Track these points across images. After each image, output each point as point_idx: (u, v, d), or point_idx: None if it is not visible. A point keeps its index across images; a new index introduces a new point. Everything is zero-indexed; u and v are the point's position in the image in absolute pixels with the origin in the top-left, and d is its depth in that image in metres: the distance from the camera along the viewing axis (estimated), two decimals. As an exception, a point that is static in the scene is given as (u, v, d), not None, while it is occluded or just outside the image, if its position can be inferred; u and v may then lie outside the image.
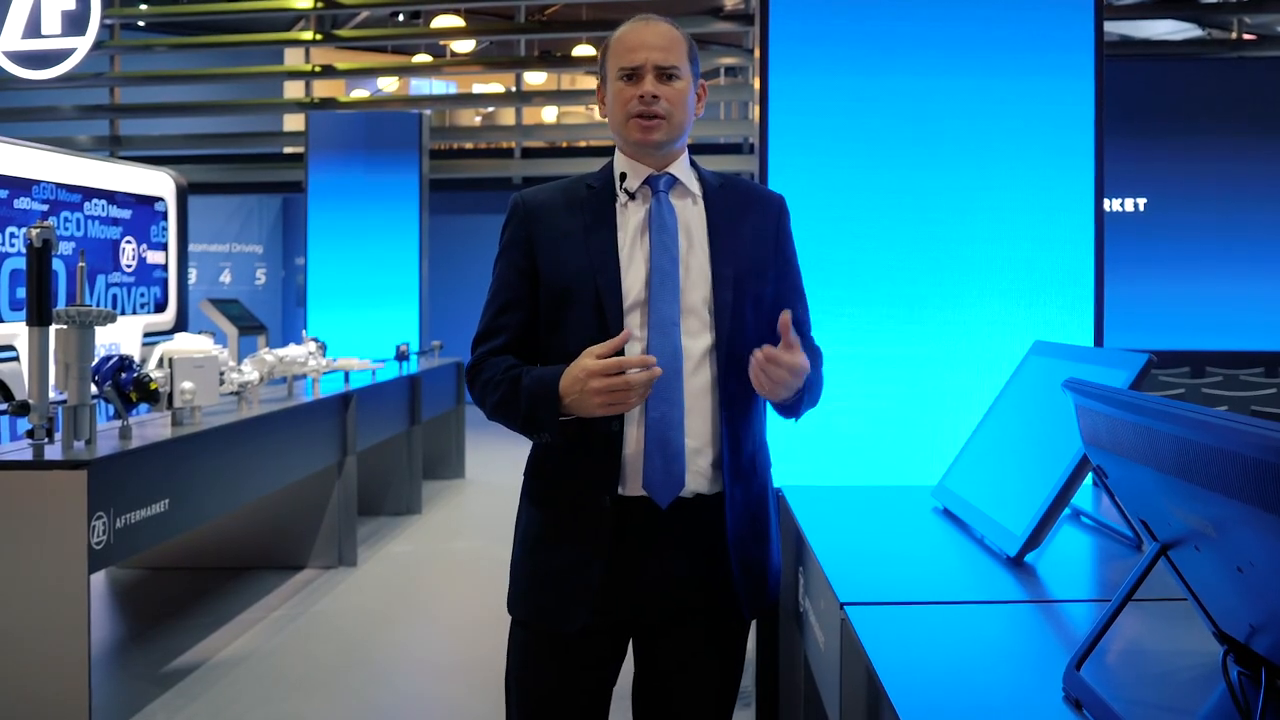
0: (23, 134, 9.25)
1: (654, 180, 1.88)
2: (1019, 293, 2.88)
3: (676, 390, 1.80)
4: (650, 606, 1.87)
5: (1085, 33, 2.89)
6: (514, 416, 1.83)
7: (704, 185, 1.93)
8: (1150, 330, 8.25)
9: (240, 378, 4.54)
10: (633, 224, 1.86)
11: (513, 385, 1.81)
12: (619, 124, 1.87)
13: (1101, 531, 2.17)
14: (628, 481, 1.81)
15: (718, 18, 11.81)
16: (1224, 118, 8.86)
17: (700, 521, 1.85)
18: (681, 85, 1.86)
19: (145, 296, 8.74)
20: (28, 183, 7.42)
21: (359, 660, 4.12)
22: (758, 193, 2.00)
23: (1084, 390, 1.29)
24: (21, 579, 3.04)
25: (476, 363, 1.90)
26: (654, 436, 1.79)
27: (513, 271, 1.90)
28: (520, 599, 1.91)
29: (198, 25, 14.03)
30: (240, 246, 13.22)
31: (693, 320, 1.83)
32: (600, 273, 1.82)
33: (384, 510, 6.80)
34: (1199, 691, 1.29)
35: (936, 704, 1.29)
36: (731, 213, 1.91)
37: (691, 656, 1.92)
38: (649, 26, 1.86)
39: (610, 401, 1.70)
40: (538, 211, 1.90)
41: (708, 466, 1.85)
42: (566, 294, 1.84)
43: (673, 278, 1.82)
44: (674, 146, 1.89)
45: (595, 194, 1.90)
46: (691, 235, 1.87)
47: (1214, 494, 1.01)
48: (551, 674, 1.88)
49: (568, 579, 1.83)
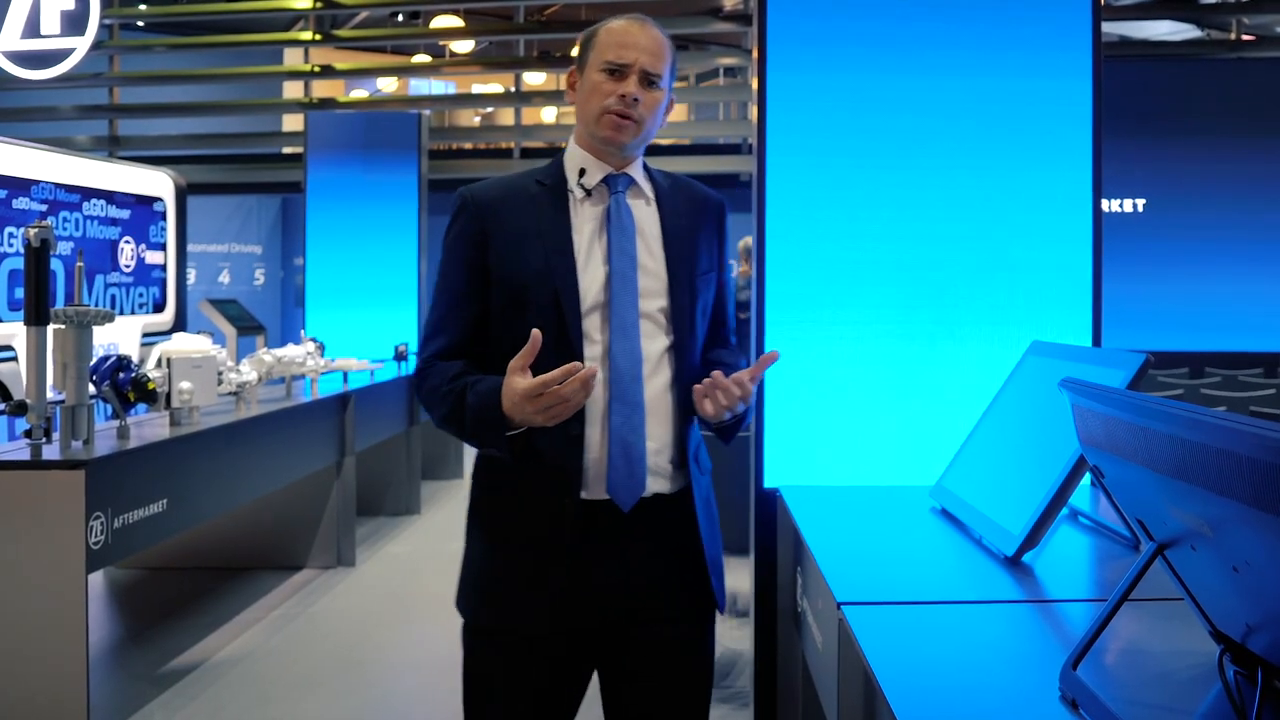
0: (21, 134, 9.24)
1: (612, 179, 1.87)
2: (1017, 292, 2.88)
3: (637, 393, 1.80)
4: (615, 607, 1.84)
5: (1083, 33, 2.89)
6: (461, 432, 1.81)
7: (655, 187, 1.93)
8: (1149, 330, 8.25)
9: (238, 378, 4.54)
10: (588, 223, 1.85)
11: (458, 400, 1.78)
12: (591, 116, 1.84)
13: (1099, 531, 2.17)
14: (590, 485, 1.80)
15: (717, 18, 11.79)
16: (1223, 118, 8.86)
17: (662, 520, 1.85)
18: (659, 95, 1.86)
19: (144, 297, 8.74)
20: (26, 183, 7.42)
21: (357, 660, 4.12)
22: (702, 195, 1.99)
23: (1080, 390, 1.29)
24: (19, 579, 3.04)
25: (423, 369, 1.86)
26: (617, 440, 1.78)
27: (464, 267, 1.85)
28: (479, 603, 1.88)
29: (197, 25, 14.01)
30: (239, 247, 13.21)
31: (648, 323, 1.83)
32: (558, 274, 1.80)
33: (382, 510, 6.80)
34: (1195, 691, 1.29)
35: (933, 704, 1.29)
36: (682, 216, 1.92)
37: (666, 658, 1.89)
38: (644, 29, 1.84)
39: (551, 416, 1.68)
40: (491, 207, 1.86)
41: (666, 465, 1.85)
42: (523, 294, 1.81)
43: (632, 280, 1.82)
44: (636, 152, 1.89)
45: (547, 191, 1.87)
46: (647, 238, 1.87)
47: (1211, 494, 1.01)
48: (514, 679, 1.84)
49: (530, 582, 1.81)
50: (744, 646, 4.25)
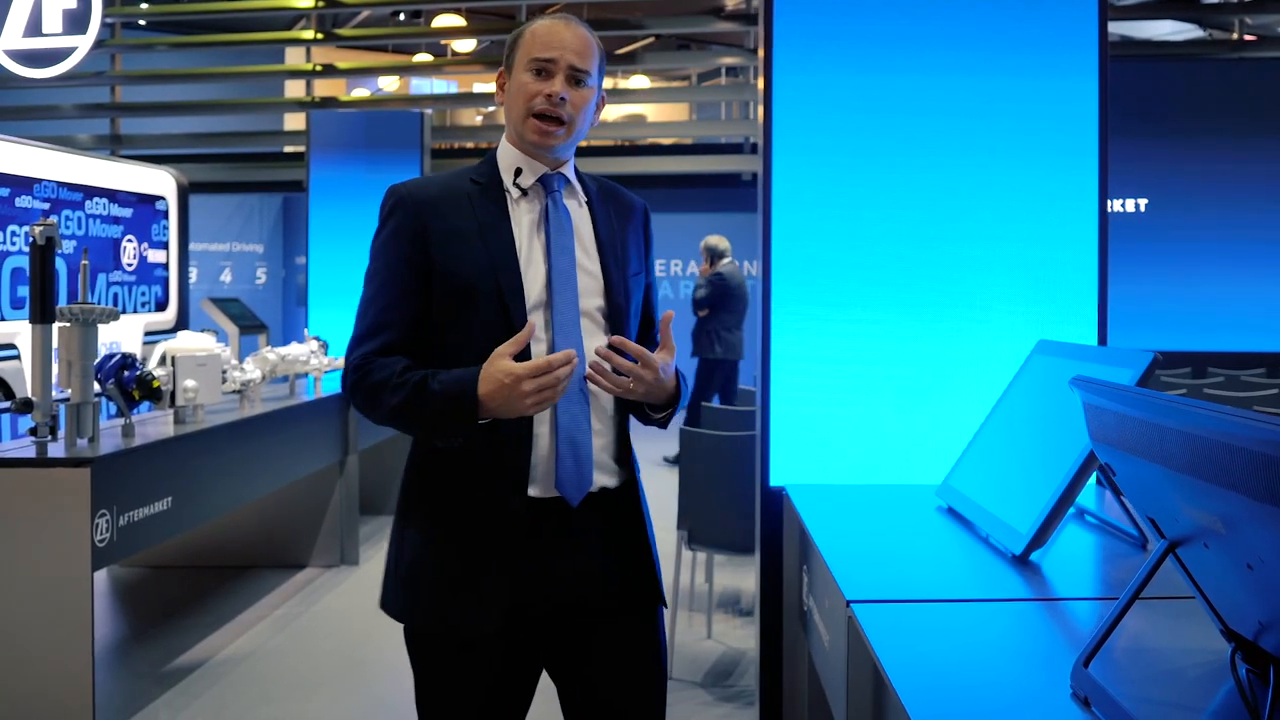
0: (23, 132, 9.24)
1: (548, 179, 1.87)
2: (1023, 292, 2.88)
3: (583, 390, 1.80)
4: (565, 604, 1.83)
5: (1089, 33, 2.89)
6: (419, 421, 1.77)
7: (585, 189, 1.94)
8: (1151, 330, 8.26)
9: (242, 376, 4.54)
10: (526, 222, 1.84)
11: (417, 389, 1.73)
12: (518, 119, 1.83)
13: (1106, 530, 2.17)
14: (538, 482, 1.79)
15: (719, 17, 11.79)
16: (1224, 118, 8.87)
17: (607, 516, 1.85)
18: (588, 92, 1.85)
19: (146, 295, 8.74)
20: (29, 181, 7.42)
21: (361, 659, 4.12)
22: (628, 199, 2.00)
23: (1092, 388, 1.29)
24: (25, 577, 3.04)
25: (361, 365, 1.79)
26: (565, 438, 1.78)
27: (401, 264, 1.81)
28: (419, 606, 1.83)
29: (199, 24, 14.02)
30: (240, 246, 13.22)
31: (587, 321, 1.83)
32: (501, 271, 1.78)
33: (385, 509, 6.79)
34: (1207, 689, 1.29)
35: (944, 701, 1.30)
36: (612, 218, 1.93)
37: (619, 652, 1.88)
38: (569, 27, 1.84)
39: (541, 400, 1.68)
40: (428, 204, 1.83)
41: (610, 461, 1.85)
42: (467, 292, 1.79)
43: (572, 279, 1.82)
44: (568, 153, 1.89)
45: (483, 190, 1.86)
46: (582, 238, 1.87)
47: (1225, 490, 1.01)
48: (467, 684, 1.82)
49: (477, 582, 1.77)
50: (748, 645, 4.25)
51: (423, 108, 9.75)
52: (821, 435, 2.86)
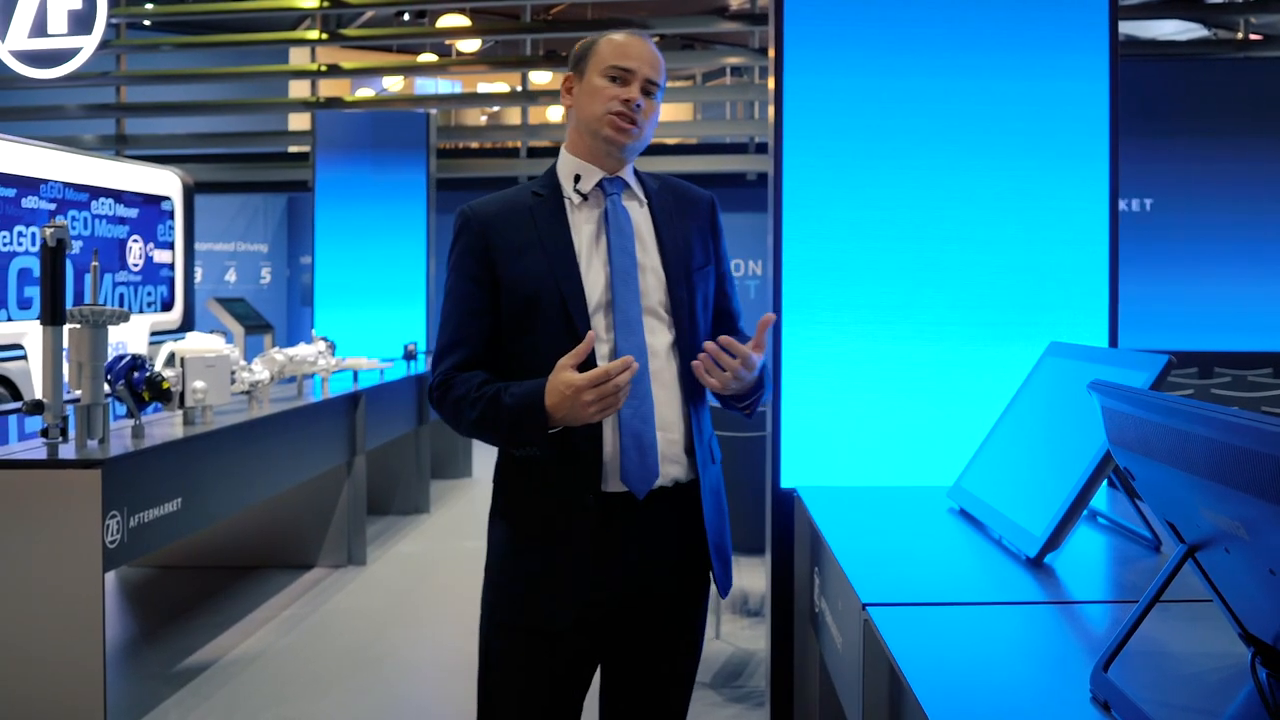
0: (28, 133, 9.26)
1: (606, 183, 1.95)
2: (1033, 293, 2.88)
3: (645, 385, 1.87)
4: (632, 595, 1.92)
5: (1100, 34, 2.90)
6: (496, 433, 1.87)
7: (645, 189, 2.01)
8: (1158, 330, 8.24)
9: (251, 377, 4.55)
10: (587, 227, 1.93)
11: (492, 403, 1.84)
12: (594, 117, 1.92)
13: (1120, 533, 2.17)
14: (607, 478, 1.87)
15: (723, 17, 11.80)
16: (1229, 118, 8.84)
17: (674, 509, 1.93)
18: (654, 106, 1.97)
19: (152, 295, 8.75)
20: (35, 182, 7.43)
21: (369, 659, 4.13)
22: (692, 193, 2.07)
23: (1111, 392, 1.29)
24: (37, 577, 3.05)
25: (444, 381, 1.92)
26: (628, 432, 1.85)
27: (471, 284, 1.92)
28: (508, 603, 1.92)
29: (203, 24, 14.04)
30: (245, 245, 13.22)
31: (652, 318, 1.92)
32: (563, 278, 1.88)
33: (392, 509, 6.81)
34: (1226, 693, 1.29)
35: (962, 704, 1.30)
36: (673, 214, 2.00)
37: (665, 641, 1.99)
38: (644, 43, 1.95)
39: (603, 408, 1.76)
40: (492, 223, 1.93)
41: (680, 455, 1.92)
42: (531, 301, 1.88)
43: (633, 277, 1.90)
44: (631, 156, 1.97)
45: (544, 200, 1.95)
46: (643, 237, 1.95)
47: (1247, 495, 1.01)
48: (538, 674, 1.91)
49: (557, 578, 1.87)
50: (757, 646, 4.25)
51: (427, 108, 9.75)
52: (832, 437, 2.87)
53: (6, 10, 9.98)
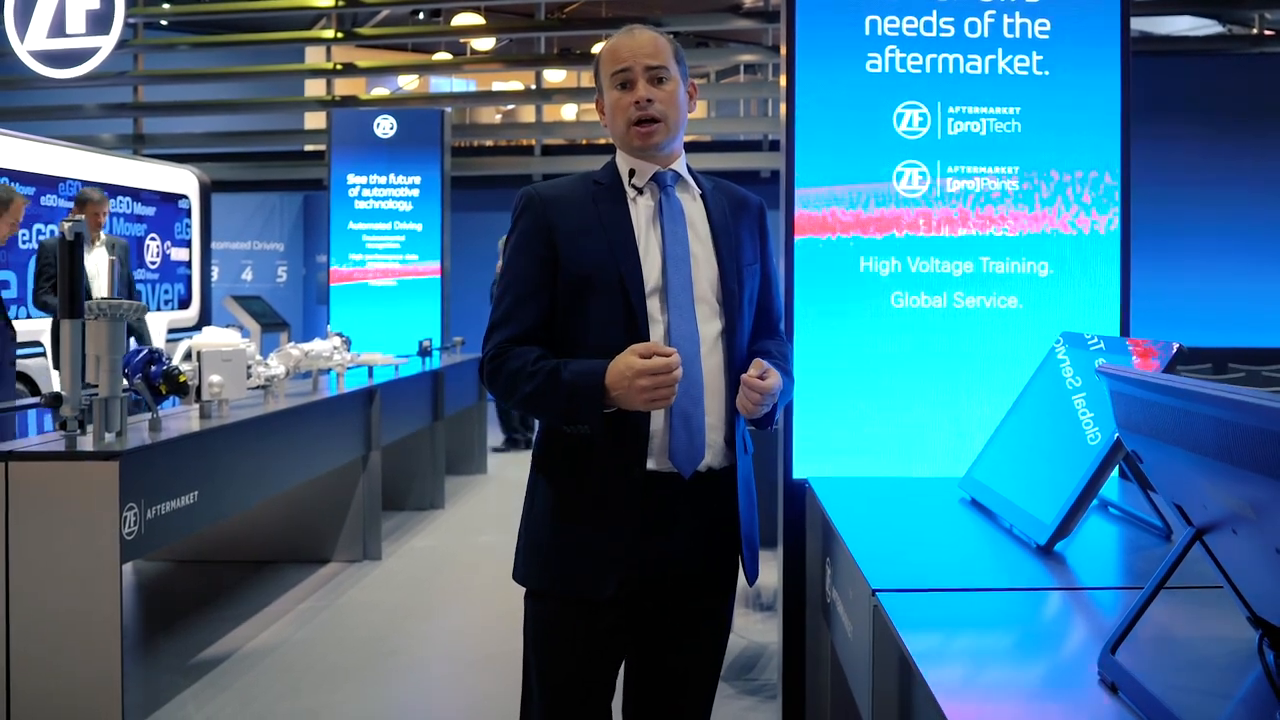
0: (47, 132, 9.32)
1: (660, 176, 1.99)
2: (1045, 284, 2.88)
3: (696, 370, 1.91)
4: (666, 575, 1.96)
5: (1112, 29, 2.90)
6: (550, 408, 1.90)
7: (699, 184, 2.05)
8: (1171, 326, 8.20)
9: (267, 371, 4.57)
10: (643, 216, 1.98)
11: (550, 378, 1.86)
12: (620, 132, 1.99)
13: (1129, 521, 2.17)
14: (654, 455, 1.90)
15: (737, 15, 11.79)
16: (1244, 113, 8.81)
17: (712, 493, 1.96)
18: (671, 86, 1.98)
19: (169, 293, 8.80)
20: (54, 180, 7.49)
21: (384, 653, 4.15)
22: (742, 195, 2.12)
23: (1119, 376, 1.30)
24: (55, 569, 3.08)
25: (498, 353, 1.94)
26: (679, 411, 1.89)
27: (532, 261, 1.95)
28: (543, 570, 1.96)
29: (220, 24, 14.10)
30: (262, 244, 13.28)
31: (704, 307, 1.95)
32: (622, 260, 1.92)
33: (407, 505, 6.84)
34: (1235, 676, 1.30)
35: (971, 687, 1.31)
36: (726, 211, 2.04)
37: (691, 623, 2.02)
38: (633, 35, 1.98)
39: (654, 398, 1.79)
40: (554, 203, 1.97)
41: (720, 442, 1.96)
42: (589, 282, 1.92)
43: (685, 264, 1.94)
44: (673, 146, 2.01)
45: (605, 189, 2.00)
46: (696, 228, 1.99)
47: (1255, 475, 1.02)
48: (577, 643, 1.95)
49: (598, 548, 1.90)
50: (769, 639, 4.26)
51: (442, 106, 9.78)
52: (843, 428, 2.87)
53: (25, 11, 10.06)
